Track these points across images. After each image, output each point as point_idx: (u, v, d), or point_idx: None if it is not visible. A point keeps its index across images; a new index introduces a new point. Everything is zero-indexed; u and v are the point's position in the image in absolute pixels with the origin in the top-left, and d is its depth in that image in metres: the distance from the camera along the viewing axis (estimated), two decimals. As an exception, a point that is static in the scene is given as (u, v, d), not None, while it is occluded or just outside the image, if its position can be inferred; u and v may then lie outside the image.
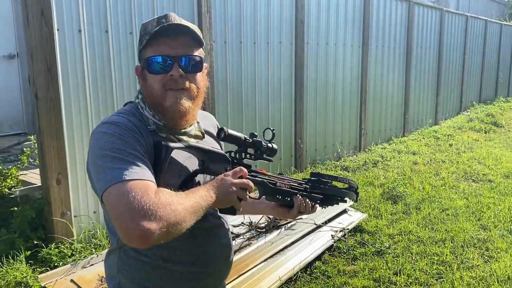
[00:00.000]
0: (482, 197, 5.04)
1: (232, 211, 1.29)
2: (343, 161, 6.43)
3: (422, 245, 3.82)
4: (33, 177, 4.00)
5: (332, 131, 6.54)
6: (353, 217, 4.34)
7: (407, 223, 4.28)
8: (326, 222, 4.14)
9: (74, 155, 3.58)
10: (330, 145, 6.51)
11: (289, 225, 4.05)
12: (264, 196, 1.40)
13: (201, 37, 1.29)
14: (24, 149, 4.07)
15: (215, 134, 1.49)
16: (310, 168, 6.00)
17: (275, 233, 3.91)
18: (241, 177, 1.24)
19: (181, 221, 1.05)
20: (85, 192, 3.67)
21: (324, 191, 1.51)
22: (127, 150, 1.11)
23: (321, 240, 3.84)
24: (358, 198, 1.62)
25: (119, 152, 1.10)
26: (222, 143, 1.50)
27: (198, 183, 1.30)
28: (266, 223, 4.00)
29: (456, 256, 3.63)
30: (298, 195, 1.44)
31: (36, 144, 4.17)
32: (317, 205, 1.50)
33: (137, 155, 1.12)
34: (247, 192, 1.25)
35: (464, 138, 8.29)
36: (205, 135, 1.41)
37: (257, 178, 1.34)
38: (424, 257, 3.61)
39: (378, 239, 3.97)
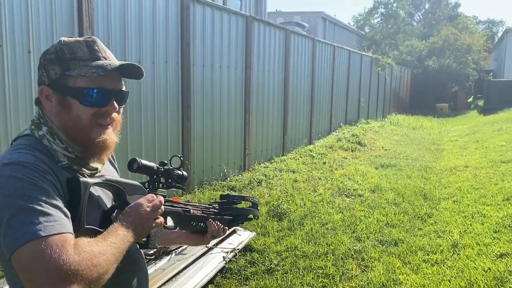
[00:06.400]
0: (355, 210, 5.56)
1: (149, 246, 1.23)
2: (230, 181, 6.53)
3: (307, 260, 4.05)
4: None
5: (219, 152, 6.62)
6: (242, 237, 4.42)
7: (292, 239, 4.50)
8: (217, 244, 4.14)
9: None
10: (216, 165, 6.57)
11: (179, 249, 3.96)
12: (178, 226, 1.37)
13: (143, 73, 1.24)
14: None
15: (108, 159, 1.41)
16: (198, 189, 5.97)
17: (166, 259, 3.78)
18: None
19: (104, 273, 0.98)
20: None
21: (234, 212, 1.54)
22: (39, 197, 0.97)
23: (213, 263, 3.83)
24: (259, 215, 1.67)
25: (31, 201, 0.96)
26: (117, 169, 1.43)
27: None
28: (155, 250, 3.84)
29: (337, 268, 3.92)
30: (210, 219, 1.45)
31: None
32: (226, 227, 1.52)
33: (52, 202, 0.99)
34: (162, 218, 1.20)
35: (335, 157, 9.08)
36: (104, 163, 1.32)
37: (173, 208, 1.31)
38: (310, 272, 3.82)
39: (267, 257, 4.10)
